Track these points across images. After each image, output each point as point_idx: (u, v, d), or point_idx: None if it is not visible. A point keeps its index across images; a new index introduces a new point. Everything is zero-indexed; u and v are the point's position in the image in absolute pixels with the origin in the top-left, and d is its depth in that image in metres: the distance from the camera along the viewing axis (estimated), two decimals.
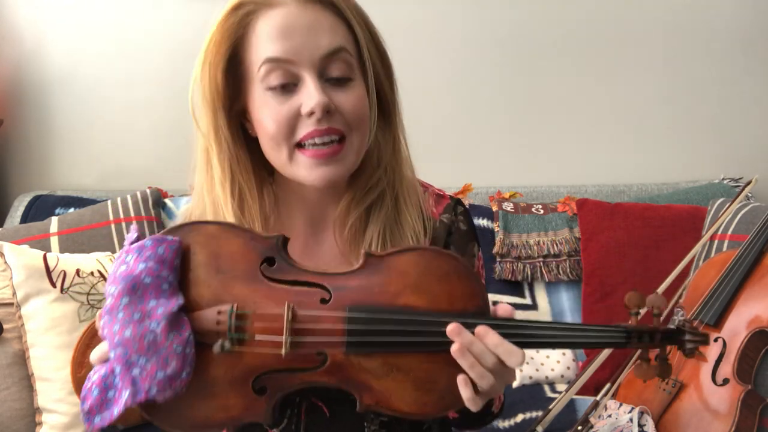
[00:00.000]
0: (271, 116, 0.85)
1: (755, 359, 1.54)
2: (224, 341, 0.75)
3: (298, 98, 0.84)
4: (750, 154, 2.27)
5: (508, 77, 2.28)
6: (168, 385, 0.74)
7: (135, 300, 0.75)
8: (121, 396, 0.74)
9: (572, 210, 2.08)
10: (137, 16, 2.27)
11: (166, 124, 2.25)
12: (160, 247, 0.78)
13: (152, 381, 0.74)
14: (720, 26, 2.22)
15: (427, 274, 0.78)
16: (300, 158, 0.86)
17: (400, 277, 0.78)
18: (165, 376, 0.74)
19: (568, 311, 2.03)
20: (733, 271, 1.62)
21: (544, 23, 2.24)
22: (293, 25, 0.84)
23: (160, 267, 0.77)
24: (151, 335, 0.74)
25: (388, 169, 0.95)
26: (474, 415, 0.92)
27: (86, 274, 1.69)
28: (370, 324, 0.76)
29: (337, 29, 0.86)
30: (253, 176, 0.92)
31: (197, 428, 0.78)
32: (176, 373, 0.74)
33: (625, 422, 1.52)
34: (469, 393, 0.77)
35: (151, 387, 0.74)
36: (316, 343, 0.77)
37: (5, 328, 1.66)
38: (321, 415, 0.99)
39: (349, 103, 0.86)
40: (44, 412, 1.62)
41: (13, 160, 2.39)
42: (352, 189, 0.94)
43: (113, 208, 1.98)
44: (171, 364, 0.74)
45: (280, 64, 0.84)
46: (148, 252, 0.77)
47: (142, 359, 0.74)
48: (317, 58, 0.84)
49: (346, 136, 0.87)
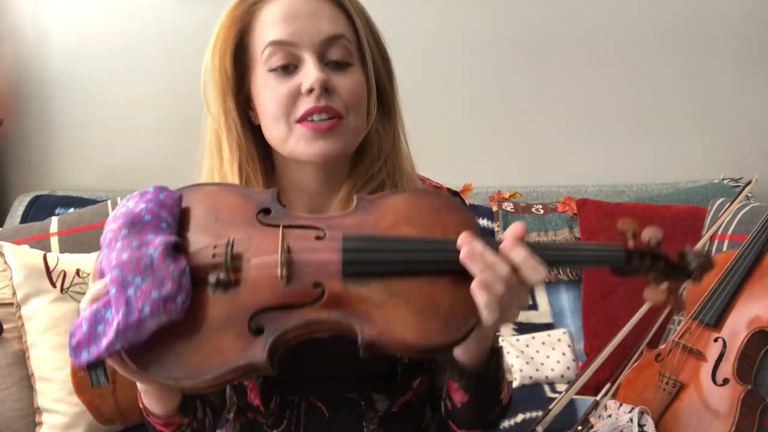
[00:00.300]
0: (272, 95, 0.89)
1: (755, 359, 1.54)
2: (219, 273, 0.75)
3: (299, 77, 0.88)
4: (750, 154, 2.27)
5: (508, 77, 2.28)
6: (162, 307, 0.71)
7: (134, 232, 0.76)
8: (113, 321, 0.71)
9: (572, 210, 2.08)
10: (137, 16, 2.27)
11: (166, 124, 2.25)
12: (162, 193, 0.80)
13: (146, 299, 0.71)
14: (720, 26, 2.22)
15: (419, 209, 0.80)
16: (299, 130, 0.89)
17: (393, 213, 0.80)
18: (159, 295, 0.72)
19: (568, 311, 2.03)
20: (733, 271, 1.62)
21: (544, 23, 2.24)
22: (296, 12, 0.89)
23: (160, 208, 0.79)
24: (148, 258, 0.73)
25: (388, 161, 0.98)
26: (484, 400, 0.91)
27: (86, 274, 1.69)
28: (365, 248, 0.76)
29: (337, 18, 0.91)
30: (258, 164, 0.96)
31: (191, 377, 0.72)
32: (171, 295, 0.72)
33: (625, 422, 1.52)
34: (485, 297, 0.72)
35: (144, 306, 0.71)
36: (312, 272, 0.76)
37: (5, 328, 1.66)
38: (320, 415, 0.99)
39: (346, 86, 0.90)
40: (44, 412, 1.62)
41: (13, 160, 2.39)
42: (352, 178, 0.96)
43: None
44: (166, 285, 0.72)
45: (283, 47, 0.88)
46: (150, 195, 0.80)
47: (138, 278, 0.72)
48: (317, 41, 0.88)
49: (343, 117, 0.89)
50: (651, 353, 1.67)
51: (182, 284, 0.74)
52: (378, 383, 0.99)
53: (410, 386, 1.00)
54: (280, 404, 1.00)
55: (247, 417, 1.05)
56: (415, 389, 1.01)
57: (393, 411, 1.00)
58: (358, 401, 0.99)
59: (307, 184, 0.97)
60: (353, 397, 0.99)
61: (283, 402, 1.00)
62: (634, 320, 1.62)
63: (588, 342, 1.94)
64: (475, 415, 0.93)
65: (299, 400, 1.00)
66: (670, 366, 1.59)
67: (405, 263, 0.76)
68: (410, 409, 1.02)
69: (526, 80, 2.28)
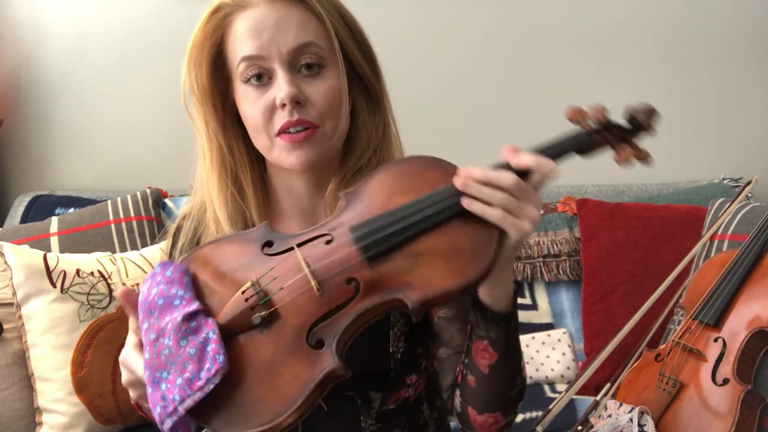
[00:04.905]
0: (251, 108, 0.91)
1: (755, 359, 1.54)
2: (260, 311, 0.77)
3: (273, 91, 0.90)
4: (750, 154, 2.27)
5: (507, 77, 2.28)
6: (189, 388, 0.74)
7: (153, 322, 0.78)
8: (155, 413, 0.75)
9: (572, 210, 2.08)
10: (137, 16, 2.27)
11: (166, 124, 2.25)
12: (168, 270, 0.82)
13: (174, 390, 0.74)
14: (720, 26, 2.22)
15: (401, 178, 0.84)
16: (278, 143, 0.91)
17: (380, 191, 0.83)
18: (182, 381, 0.74)
19: (568, 311, 2.03)
20: (733, 271, 1.62)
21: (544, 22, 2.24)
22: (263, 24, 0.89)
23: (170, 286, 0.80)
24: (166, 350, 0.76)
25: (378, 151, 0.99)
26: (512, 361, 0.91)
27: (86, 274, 1.69)
28: (375, 229, 0.79)
29: (306, 23, 0.91)
30: (249, 165, 0.98)
31: (281, 414, 0.73)
32: (194, 375, 0.74)
33: (625, 422, 1.52)
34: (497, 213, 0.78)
35: (175, 396, 0.74)
36: (340, 272, 0.79)
37: (5, 328, 1.66)
38: (319, 410, 1.00)
39: (319, 94, 0.91)
40: (44, 412, 1.62)
41: (13, 160, 2.39)
42: (340, 172, 0.98)
43: (113, 208, 1.98)
44: (188, 368, 0.74)
45: (254, 61, 0.90)
46: (158, 277, 0.81)
47: (165, 373, 0.76)
48: (285, 52, 0.89)
49: (318, 126, 0.91)
50: (651, 353, 1.67)
51: (204, 355, 0.75)
52: (374, 381, 0.99)
53: (403, 382, 1.00)
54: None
55: None
56: (412, 386, 1.02)
57: (390, 408, 1.01)
58: (355, 399, 1.00)
59: (298, 188, 0.99)
60: (351, 395, 1.00)
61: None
62: (634, 320, 1.62)
63: (588, 342, 1.94)
64: (501, 384, 0.93)
65: None
66: (670, 366, 1.59)
67: (415, 225, 0.79)
68: (408, 405, 1.03)
69: (526, 80, 2.28)
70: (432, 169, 0.84)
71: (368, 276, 0.78)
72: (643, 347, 1.69)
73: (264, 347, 0.77)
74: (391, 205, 0.81)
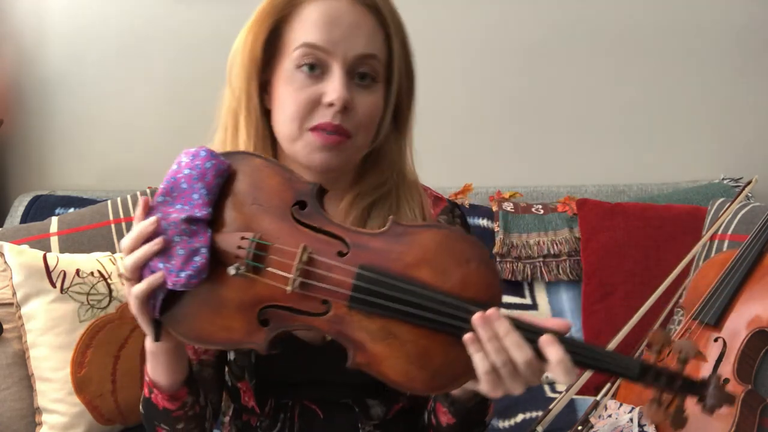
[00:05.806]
0: (294, 95, 0.89)
1: (755, 359, 1.54)
2: (240, 265, 0.79)
3: (323, 86, 0.88)
4: (750, 154, 2.27)
5: (508, 77, 2.28)
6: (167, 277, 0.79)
7: (168, 200, 0.81)
8: None
9: (572, 210, 2.08)
10: (137, 17, 2.27)
11: (166, 124, 2.25)
12: (209, 162, 0.82)
13: (158, 266, 0.79)
14: (720, 26, 2.22)
15: (447, 254, 0.78)
16: (308, 137, 0.90)
17: (420, 250, 0.78)
18: (163, 268, 0.79)
19: (568, 311, 2.03)
20: (733, 271, 1.62)
21: (544, 23, 2.24)
22: (339, 19, 0.88)
23: (200, 179, 0.81)
24: (165, 233, 0.80)
25: (395, 172, 0.99)
26: (469, 424, 0.93)
27: (86, 274, 1.69)
28: (378, 285, 0.77)
29: (375, 35, 0.90)
30: (268, 151, 0.96)
31: (200, 341, 0.83)
32: (173, 270, 0.78)
33: (625, 422, 1.52)
34: (486, 366, 0.74)
35: (155, 269, 0.80)
36: (323, 290, 0.79)
37: (5, 328, 1.66)
38: (314, 417, 1.00)
39: (365, 106, 0.90)
40: (44, 412, 1.62)
41: (13, 160, 2.39)
42: (358, 187, 0.98)
43: (113, 208, 1.98)
44: (172, 262, 0.79)
45: (316, 51, 0.88)
46: (198, 161, 0.82)
47: None
48: (350, 56, 0.88)
49: (352, 136, 0.90)
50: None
51: (190, 261, 0.79)
52: (371, 389, 0.99)
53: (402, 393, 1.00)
54: (275, 407, 1.00)
55: (242, 420, 1.05)
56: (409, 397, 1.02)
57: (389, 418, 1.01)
58: (352, 406, 1.00)
59: None
60: (347, 402, 1.00)
61: (277, 405, 1.00)
62: (634, 320, 1.62)
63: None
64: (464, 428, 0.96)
65: (293, 403, 1.00)
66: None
67: (411, 315, 0.77)
68: (405, 414, 1.03)
69: (526, 80, 2.28)
70: (482, 271, 0.77)
71: (341, 312, 0.78)
72: (644, 347, 1.68)
73: (227, 287, 0.80)
74: (415, 273, 0.77)
